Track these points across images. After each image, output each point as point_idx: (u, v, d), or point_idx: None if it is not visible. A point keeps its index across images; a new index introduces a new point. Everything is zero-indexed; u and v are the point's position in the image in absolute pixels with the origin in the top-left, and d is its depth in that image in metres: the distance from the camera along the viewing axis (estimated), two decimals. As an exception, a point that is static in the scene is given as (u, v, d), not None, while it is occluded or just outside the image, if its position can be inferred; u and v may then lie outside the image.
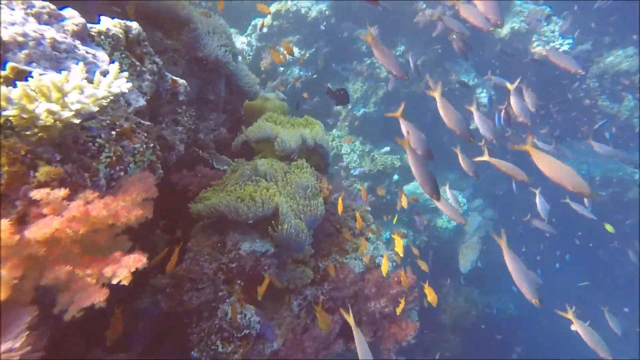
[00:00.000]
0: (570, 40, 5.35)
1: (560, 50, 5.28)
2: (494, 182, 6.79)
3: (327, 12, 6.14)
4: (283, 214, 1.80)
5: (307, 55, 6.39)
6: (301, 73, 6.40)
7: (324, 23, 6.15)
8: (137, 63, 1.49)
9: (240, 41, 6.56)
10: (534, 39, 5.59)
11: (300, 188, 1.91)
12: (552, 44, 5.36)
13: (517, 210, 6.94)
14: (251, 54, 6.46)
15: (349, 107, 6.46)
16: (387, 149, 6.53)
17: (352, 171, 6.20)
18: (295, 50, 6.39)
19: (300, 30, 6.30)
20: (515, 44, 5.77)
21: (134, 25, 1.54)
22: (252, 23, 6.54)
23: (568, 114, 6.10)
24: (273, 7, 6.30)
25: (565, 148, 5.49)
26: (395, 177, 6.41)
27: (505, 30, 5.60)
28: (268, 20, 6.46)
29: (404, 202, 3.25)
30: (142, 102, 1.41)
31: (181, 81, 1.76)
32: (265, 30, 6.26)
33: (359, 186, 6.15)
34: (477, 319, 5.71)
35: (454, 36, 3.94)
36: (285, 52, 3.37)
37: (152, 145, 1.28)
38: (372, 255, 2.27)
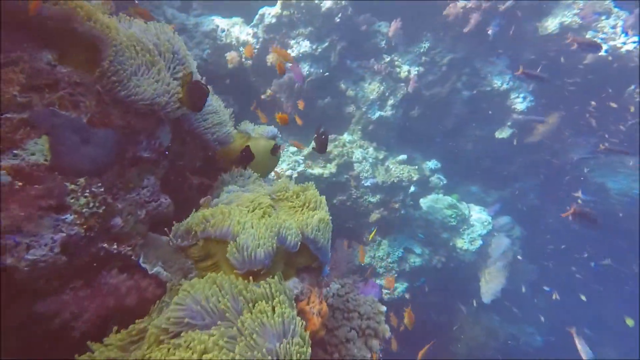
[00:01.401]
0: (637, 38, 4.13)
1: (623, 49, 4.07)
2: (522, 194, 5.71)
3: (343, 2, 5.02)
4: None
5: (320, 49, 5.34)
6: (311, 70, 5.36)
7: (340, 14, 5.04)
8: None
9: (245, 32, 5.54)
10: (588, 36, 4.38)
11: (270, 338, 1.01)
12: (612, 42, 4.15)
13: (546, 225, 5.89)
14: (257, 47, 5.44)
15: (364, 109, 5.43)
16: (404, 157, 5.51)
17: (363, 182, 5.23)
18: (307, 44, 5.34)
19: (313, 22, 5.20)
20: (562, 42, 4.57)
21: None
22: (260, 12, 5.48)
23: (616, 124, 4.93)
24: (282, -5, 5.21)
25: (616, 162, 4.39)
26: (412, 189, 5.42)
27: (552, 26, 4.41)
28: (277, 9, 5.39)
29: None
30: None
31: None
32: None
33: (370, 199, 5.19)
34: (498, 352, 4.82)
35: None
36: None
37: None
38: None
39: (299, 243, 1.20)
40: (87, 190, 1.12)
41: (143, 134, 1.32)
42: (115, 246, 1.19)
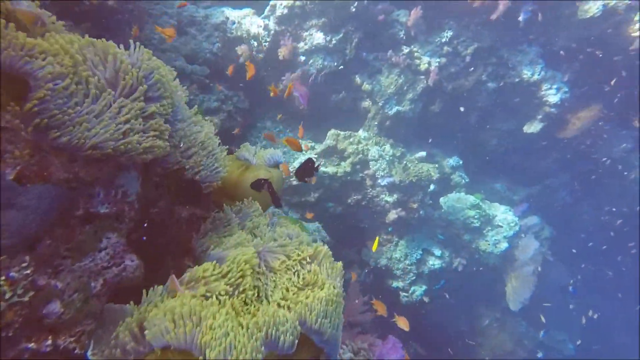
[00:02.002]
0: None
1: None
2: (553, 192, 5.16)
3: (358, -11, 4.55)
4: None
5: (334, 41, 4.88)
6: (325, 63, 4.93)
7: (355, 3, 4.57)
8: None
9: (256, 24, 5.15)
10: (636, 18, 3.78)
11: None
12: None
13: (580, 225, 5.36)
14: (268, 39, 5.05)
15: (380, 104, 4.98)
16: (423, 154, 5.06)
17: (379, 181, 4.82)
18: (320, 36, 4.90)
19: (326, 12, 4.75)
20: (604, 27, 3.97)
21: None
22: (271, 3, 5.06)
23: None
24: (294, -16, 4.76)
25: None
26: (432, 187, 4.98)
27: (594, 8, 3.82)
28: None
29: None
30: None
31: None
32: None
33: (386, 198, 4.79)
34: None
35: None
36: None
37: None
38: None
39: (297, 341, 0.86)
40: (2, 277, 0.81)
41: (98, 185, 1.00)
42: (49, 342, 0.88)
